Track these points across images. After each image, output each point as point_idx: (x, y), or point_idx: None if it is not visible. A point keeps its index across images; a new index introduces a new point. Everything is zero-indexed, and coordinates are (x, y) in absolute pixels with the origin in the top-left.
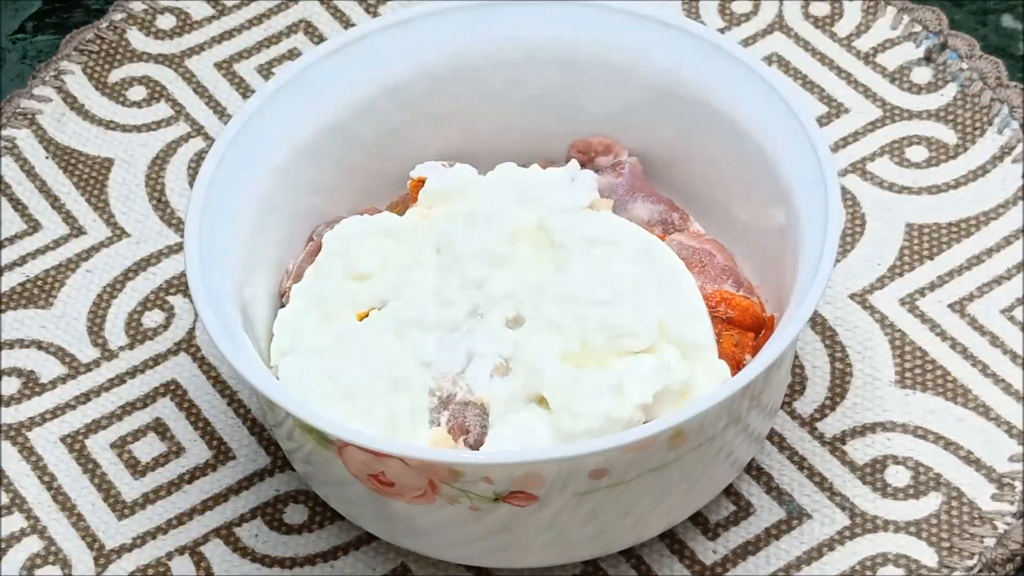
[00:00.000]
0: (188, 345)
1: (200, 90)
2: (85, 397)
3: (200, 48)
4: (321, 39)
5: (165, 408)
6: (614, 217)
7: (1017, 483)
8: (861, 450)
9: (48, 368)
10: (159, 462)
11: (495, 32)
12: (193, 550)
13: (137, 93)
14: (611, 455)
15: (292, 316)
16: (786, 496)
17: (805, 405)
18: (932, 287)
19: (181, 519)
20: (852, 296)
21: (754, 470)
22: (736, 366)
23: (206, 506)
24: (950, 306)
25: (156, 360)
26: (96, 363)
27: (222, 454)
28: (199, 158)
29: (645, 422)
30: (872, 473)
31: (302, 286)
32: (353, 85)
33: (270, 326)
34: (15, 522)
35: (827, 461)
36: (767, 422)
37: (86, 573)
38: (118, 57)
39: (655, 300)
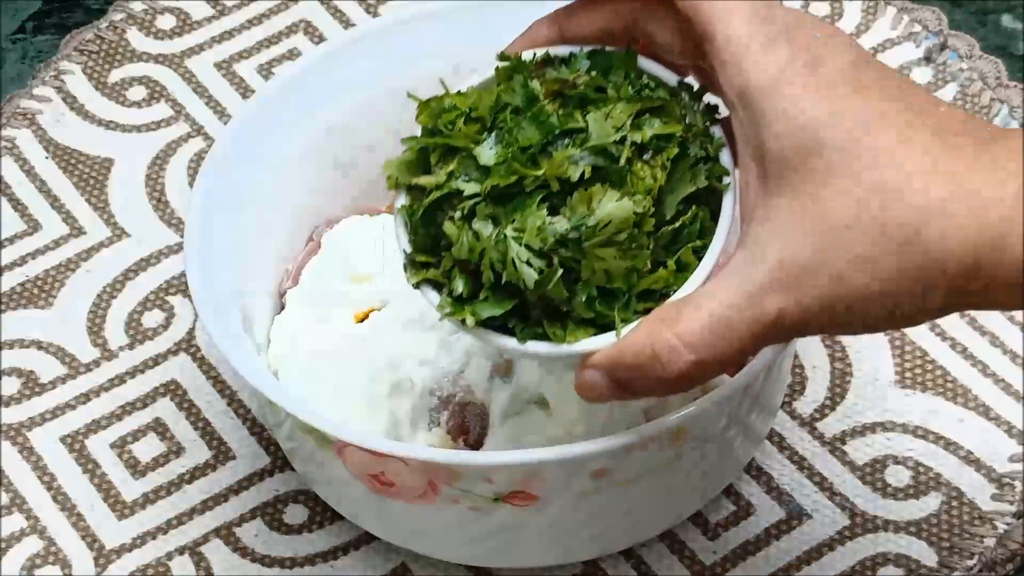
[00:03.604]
0: (188, 345)
1: (200, 90)
2: (85, 397)
3: (200, 48)
4: (321, 39)
5: (165, 408)
6: None
7: (1017, 483)
8: (861, 450)
9: (48, 368)
10: (159, 462)
11: (495, 32)
12: (193, 550)
13: (137, 93)
14: (611, 455)
15: (289, 321)
16: (786, 496)
17: (805, 405)
18: None
19: (181, 519)
20: None
21: (754, 470)
22: (737, 366)
23: (206, 506)
24: None
25: (156, 360)
26: (96, 363)
27: (222, 454)
28: (199, 158)
29: (646, 421)
30: (872, 473)
31: (298, 291)
32: (353, 85)
33: (270, 326)
34: (15, 522)
35: (827, 461)
36: (767, 422)
37: (86, 573)
38: (118, 57)
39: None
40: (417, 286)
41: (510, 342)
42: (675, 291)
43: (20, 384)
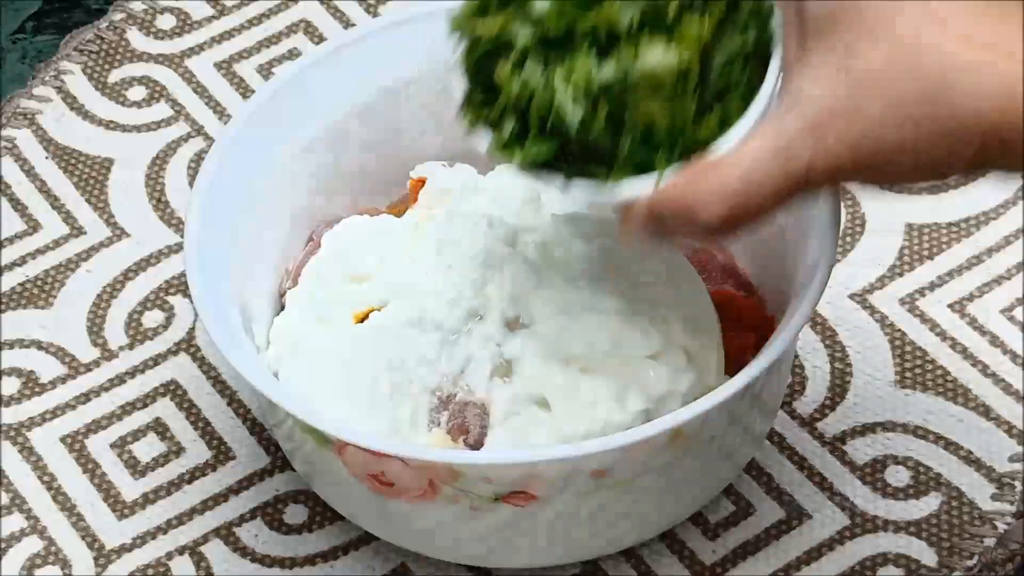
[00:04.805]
0: (188, 345)
1: (200, 90)
2: (85, 397)
3: (200, 48)
4: (321, 39)
5: (165, 408)
6: None
7: (1017, 483)
8: (861, 450)
9: (48, 368)
10: (159, 462)
11: None
12: (193, 550)
13: (137, 93)
14: (611, 456)
15: (289, 321)
16: (786, 496)
17: (805, 405)
18: (932, 287)
19: (181, 519)
20: (852, 296)
21: (754, 470)
22: (737, 366)
23: (206, 506)
24: (950, 306)
25: (156, 360)
26: (96, 363)
27: (222, 454)
28: (199, 158)
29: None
30: (872, 473)
31: (297, 292)
32: (353, 85)
33: (270, 327)
34: (15, 522)
35: (827, 461)
36: (767, 422)
37: (86, 573)
38: (118, 57)
39: (665, 306)
40: (472, 128)
41: (557, 181)
42: (717, 143)
43: (20, 384)
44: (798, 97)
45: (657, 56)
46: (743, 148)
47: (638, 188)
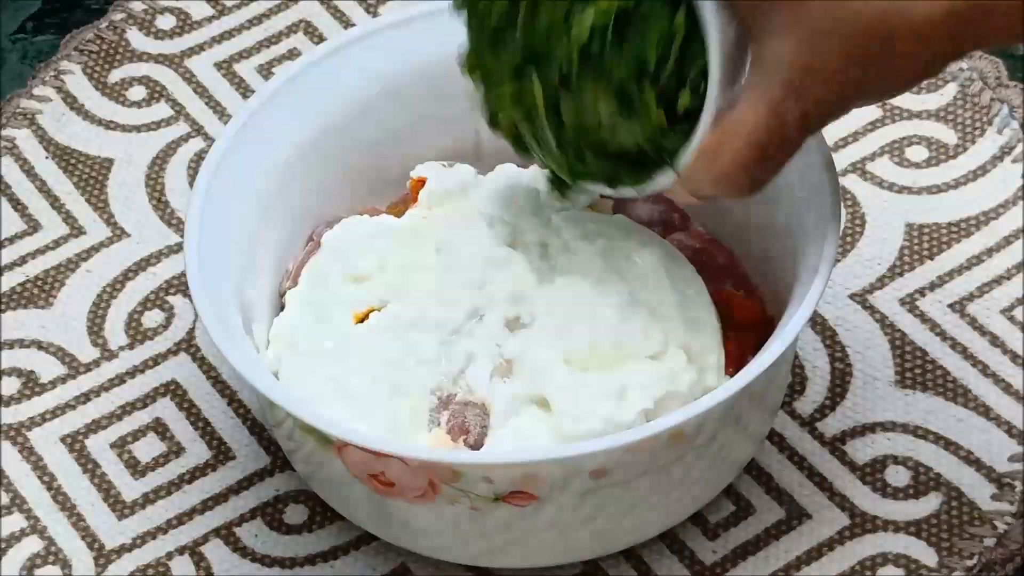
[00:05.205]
0: (188, 345)
1: (200, 90)
2: (85, 397)
3: (200, 48)
4: (321, 39)
5: (165, 408)
6: (628, 221)
7: (1017, 483)
8: (861, 450)
9: (48, 368)
10: (159, 462)
11: None
12: (193, 550)
13: (137, 93)
14: (611, 455)
15: (289, 321)
16: (786, 496)
17: (805, 405)
18: (932, 287)
19: (181, 519)
20: (852, 296)
21: (754, 470)
22: (737, 366)
23: (206, 506)
24: (950, 306)
25: (156, 360)
26: (96, 363)
27: (222, 454)
28: (199, 158)
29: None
30: (872, 473)
31: (298, 291)
32: (353, 85)
33: (270, 326)
34: (15, 522)
35: (827, 461)
36: (767, 422)
37: (86, 573)
38: (118, 57)
39: (665, 306)
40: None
41: (606, 191)
42: (706, 104)
43: (20, 384)
44: (768, 60)
45: (588, 109)
46: (740, 125)
47: (662, 184)
